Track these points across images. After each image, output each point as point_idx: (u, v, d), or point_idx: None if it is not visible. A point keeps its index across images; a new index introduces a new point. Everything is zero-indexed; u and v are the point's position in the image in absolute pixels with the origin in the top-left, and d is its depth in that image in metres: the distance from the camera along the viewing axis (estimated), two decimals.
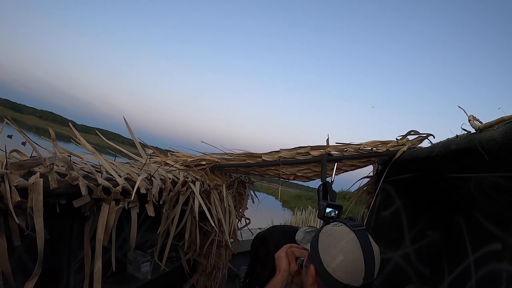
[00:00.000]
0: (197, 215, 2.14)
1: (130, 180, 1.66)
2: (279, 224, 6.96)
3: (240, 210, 2.89)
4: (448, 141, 1.63)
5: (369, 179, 2.69)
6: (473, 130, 1.43)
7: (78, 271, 1.92)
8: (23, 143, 1.42)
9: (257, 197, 3.03)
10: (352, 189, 2.75)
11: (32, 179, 1.22)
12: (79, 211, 1.47)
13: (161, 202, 1.84)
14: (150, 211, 1.73)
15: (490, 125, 1.28)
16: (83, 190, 1.38)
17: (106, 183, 1.49)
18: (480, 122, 1.41)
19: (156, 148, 2.40)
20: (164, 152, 2.57)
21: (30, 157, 1.35)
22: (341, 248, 1.18)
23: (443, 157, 1.70)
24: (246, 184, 2.87)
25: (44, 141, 1.62)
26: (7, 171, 1.15)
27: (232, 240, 2.76)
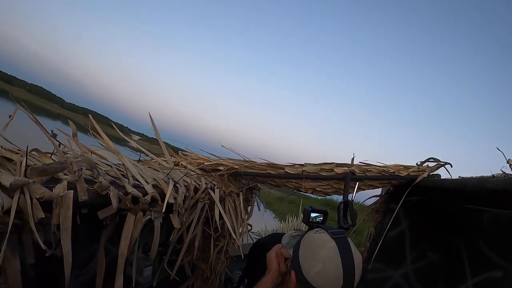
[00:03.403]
0: (218, 223, 1.89)
1: (157, 187, 1.36)
2: (277, 231, 6.73)
3: (246, 216, 2.64)
4: (483, 179, 1.57)
5: (377, 198, 2.55)
6: None
7: (79, 279, 1.62)
8: (10, 116, 1.09)
9: (262, 204, 2.80)
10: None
11: (58, 189, 0.88)
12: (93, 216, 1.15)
13: (183, 211, 1.55)
14: (176, 223, 1.46)
15: None
16: (114, 202, 1.07)
17: (136, 192, 1.19)
18: None
19: (168, 145, 2.09)
20: (174, 150, 2.29)
21: (54, 161, 1.02)
22: (320, 256, 1.14)
23: (475, 193, 1.63)
24: (254, 191, 2.61)
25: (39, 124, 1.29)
26: (29, 180, 0.82)
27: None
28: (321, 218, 1.41)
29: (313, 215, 1.40)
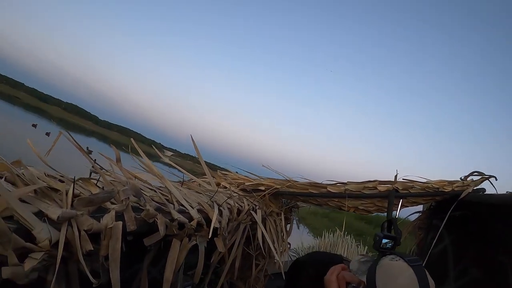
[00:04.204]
0: (261, 244, 1.83)
1: (202, 212, 1.30)
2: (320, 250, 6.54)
3: (286, 235, 2.55)
4: None
5: (419, 214, 2.42)
6: None
7: None
8: (47, 134, 1.03)
9: (301, 222, 2.70)
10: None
11: (106, 220, 0.83)
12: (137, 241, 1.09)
13: (226, 234, 1.48)
14: (221, 247, 1.40)
15: None
16: (162, 230, 1.01)
17: (182, 218, 1.12)
18: None
19: (207, 164, 2.02)
20: (211, 167, 2.22)
21: (100, 188, 0.96)
22: (399, 284, 1.11)
23: None
24: (293, 209, 2.52)
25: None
26: (77, 213, 0.77)
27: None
28: (391, 244, 1.35)
29: (384, 241, 1.34)
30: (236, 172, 2.31)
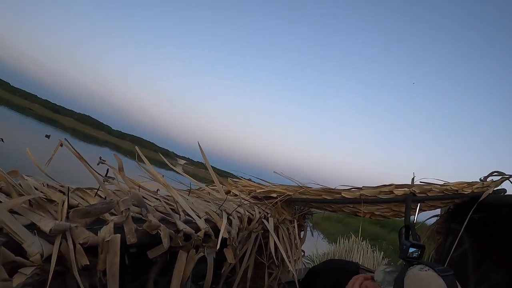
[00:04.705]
0: (273, 253, 1.75)
1: (210, 221, 1.23)
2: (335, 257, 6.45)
3: (299, 243, 2.48)
4: None
5: (437, 218, 2.34)
6: None
7: None
8: (47, 136, 0.99)
9: (315, 228, 2.62)
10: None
11: (104, 233, 0.77)
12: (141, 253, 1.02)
13: (237, 244, 1.41)
14: (230, 258, 1.33)
15: None
16: (165, 242, 0.95)
17: (188, 229, 1.06)
18: None
19: (214, 169, 1.97)
20: (221, 174, 2.17)
21: (100, 197, 0.91)
22: None
23: None
24: (306, 215, 2.45)
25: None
26: (71, 225, 0.71)
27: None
28: (418, 253, 1.32)
29: (411, 250, 1.31)
30: (248, 179, 2.26)
